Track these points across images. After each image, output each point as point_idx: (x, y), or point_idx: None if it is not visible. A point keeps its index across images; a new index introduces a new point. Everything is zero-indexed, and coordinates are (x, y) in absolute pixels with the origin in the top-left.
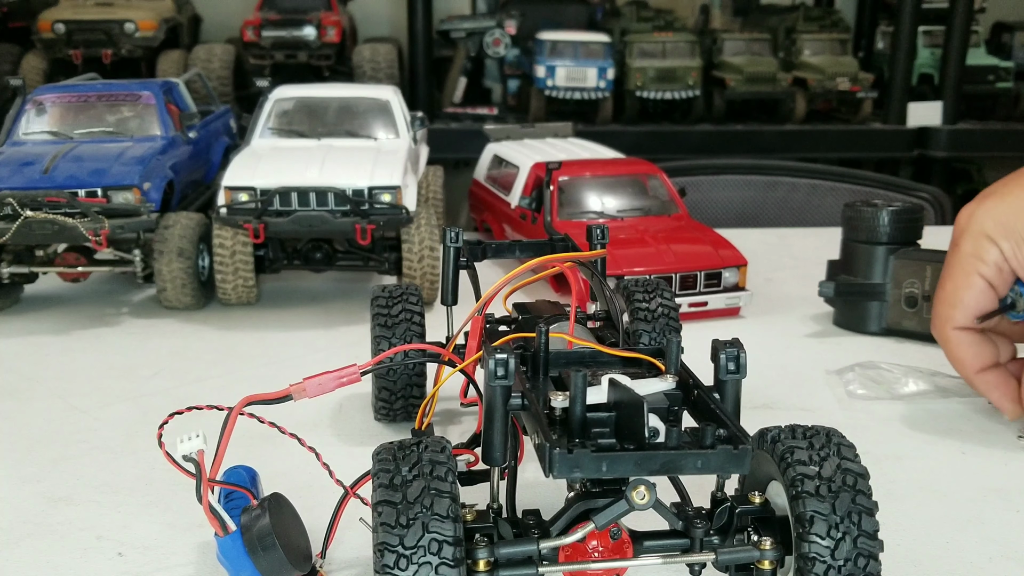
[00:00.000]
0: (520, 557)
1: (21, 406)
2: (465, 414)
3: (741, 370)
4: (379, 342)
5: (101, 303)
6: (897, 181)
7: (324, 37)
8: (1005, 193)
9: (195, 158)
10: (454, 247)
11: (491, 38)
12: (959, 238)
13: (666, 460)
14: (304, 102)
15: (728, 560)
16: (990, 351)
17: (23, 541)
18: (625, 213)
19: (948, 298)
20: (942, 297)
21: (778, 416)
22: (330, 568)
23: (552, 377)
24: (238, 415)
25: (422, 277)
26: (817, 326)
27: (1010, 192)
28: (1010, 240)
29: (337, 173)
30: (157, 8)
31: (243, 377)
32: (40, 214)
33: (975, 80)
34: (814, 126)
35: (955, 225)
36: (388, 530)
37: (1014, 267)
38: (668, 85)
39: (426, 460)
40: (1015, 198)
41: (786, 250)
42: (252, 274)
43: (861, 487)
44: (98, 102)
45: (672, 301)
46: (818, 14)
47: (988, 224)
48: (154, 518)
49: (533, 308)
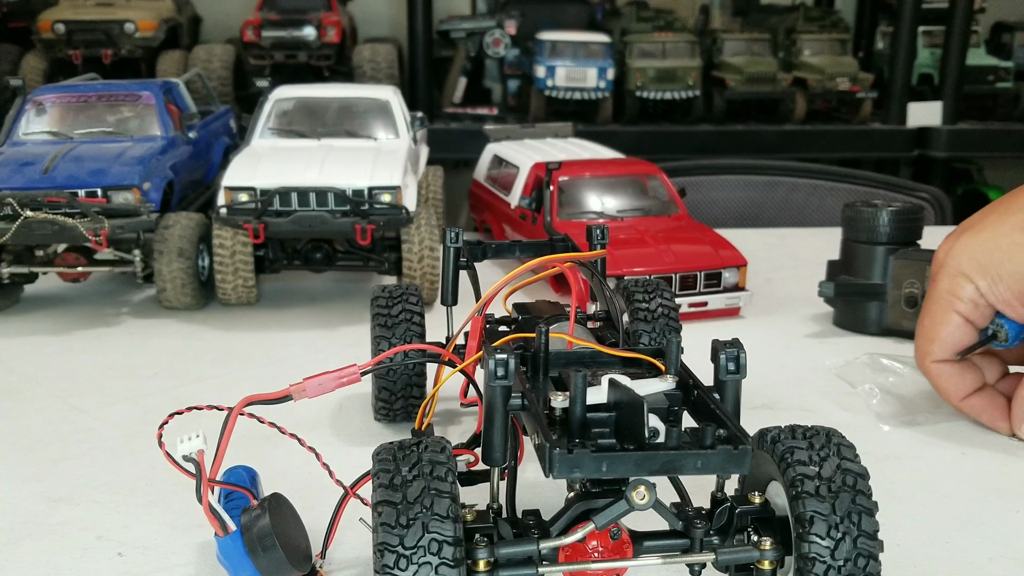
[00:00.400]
0: (520, 557)
1: (21, 406)
2: (465, 414)
3: (741, 370)
4: (379, 342)
5: (101, 303)
6: (897, 181)
7: (324, 37)
8: (980, 228)
9: (195, 158)
10: (454, 247)
11: (491, 38)
12: (937, 273)
13: (666, 460)
14: (304, 102)
15: (728, 560)
16: (972, 377)
17: (23, 541)
18: (625, 213)
19: (927, 333)
20: (921, 332)
21: (778, 416)
22: (330, 568)
23: (552, 377)
24: (238, 415)
25: (422, 277)
26: (817, 326)
27: (984, 228)
28: (986, 278)
29: (337, 173)
30: (157, 8)
31: (243, 377)
32: (40, 214)
33: (975, 80)
34: (814, 126)
35: (934, 259)
36: (388, 530)
37: (991, 302)
38: (668, 85)
39: (426, 460)
40: (989, 234)
41: (786, 250)
42: (252, 274)
43: (861, 487)
44: (98, 102)
45: (672, 301)
46: (818, 14)
47: (963, 261)
48: (154, 518)
49: (533, 308)
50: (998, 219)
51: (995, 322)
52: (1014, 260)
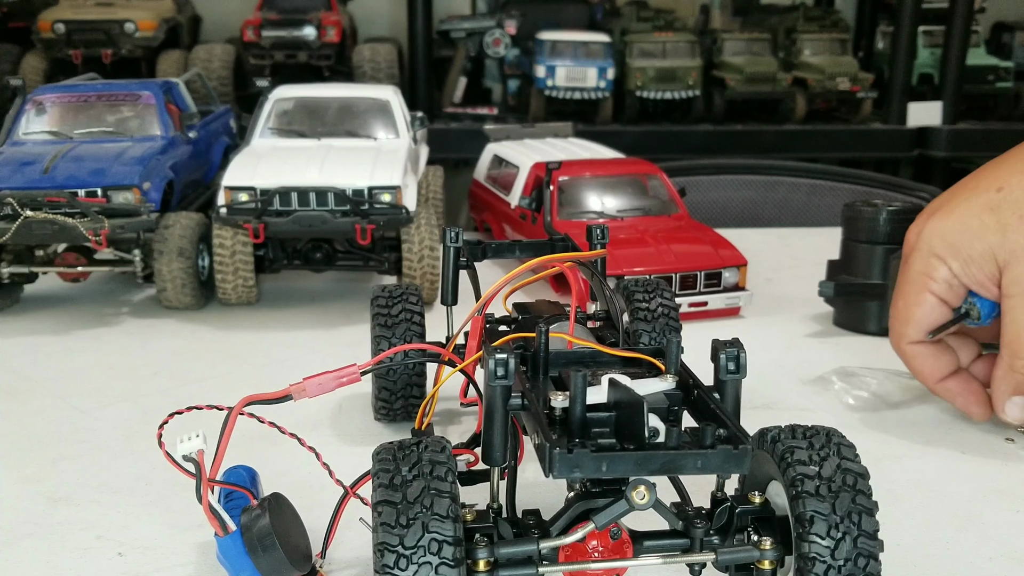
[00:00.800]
0: (520, 557)
1: (21, 406)
2: (465, 414)
3: (741, 370)
4: (379, 342)
5: (101, 303)
6: (897, 181)
7: (324, 37)
8: (949, 210)
9: (195, 158)
10: (454, 247)
11: (491, 38)
12: (909, 255)
13: (666, 460)
14: (304, 102)
15: (728, 560)
16: (948, 360)
17: (23, 541)
18: (625, 213)
19: (900, 315)
20: (895, 314)
21: (778, 416)
22: (330, 568)
23: (552, 377)
24: (238, 415)
25: (422, 277)
26: (817, 326)
27: (954, 208)
28: (958, 259)
29: (337, 173)
30: (157, 8)
31: (243, 377)
32: (40, 214)
33: (975, 80)
34: (814, 126)
35: (905, 241)
36: (388, 530)
37: (964, 283)
38: (668, 85)
39: (426, 460)
40: (960, 215)
41: (786, 250)
42: (252, 274)
43: (861, 487)
44: (98, 102)
45: (672, 301)
46: (818, 14)
47: (935, 243)
48: (154, 518)
49: (533, 308)
50: (965, 200)
51: (968, 301)
52: (984, 240)
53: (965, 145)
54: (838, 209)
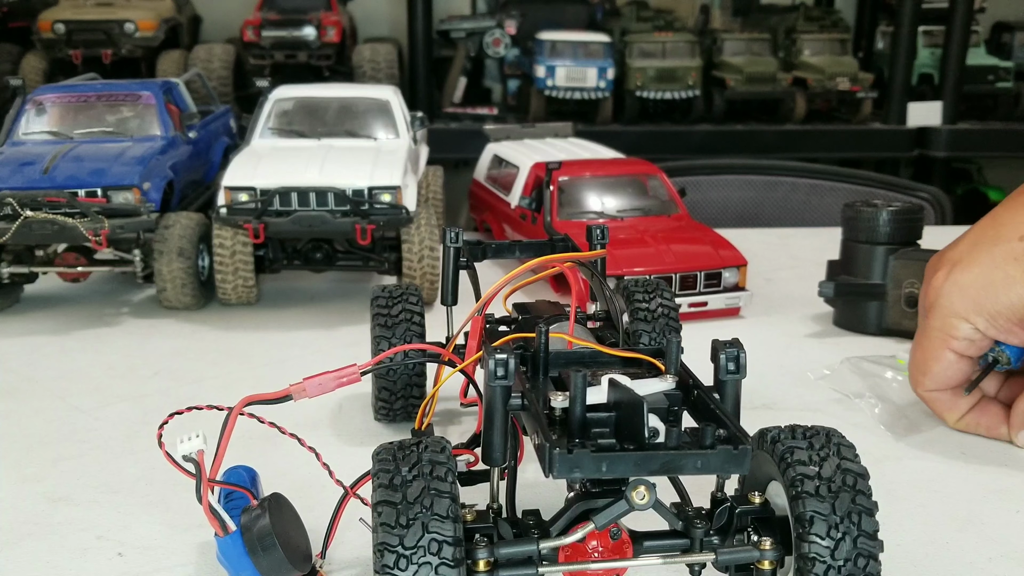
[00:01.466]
0: (520, 557)
1: (21, 406)
2: (465, 414)
3: (741, 370)
4: (379, 342)
5: (101, 303)
6: (897, 181)
7: (324, 37)
8: (969, 264)
9: (195, 158)
10: (454, 247)
11: (491, 38)
12: (930, 309)
13: (666, 460)
14: (304, 102)
15: (728, 560)
16: (968, 398)
17: (23, 541)
18: (625, 213)
19: (919, 365)
20: (913, 362)
21: (778, 416)
22: (330, 568)
23: (552, 377)
24: (238, 415)
25: (422, 277)
26: (817, 326)
27: (975, 261)
28: (982, 315)
29: (337, 173)
30: (157, 8)
31: (243, 377)
32: (40, 214)
33: (975, 80)
34: (814, 126)
35: (923, 294)
36: (388, 530)
37: (991, 336)
38: (668, 85)
39: (426, 460)
40: (982, 268)
41: (786, 250)
42: (252, 274)
43: (861, 487)
44: (98, 102)
45: (672, 301)
46: (818, 14)
47: (955, 300)
48: (154, 518)
49: (533, 308)
50: (987, 251)
51: (995, 349)
52: (1010, 293)
53: (965, 145)
54: (838, 209)
